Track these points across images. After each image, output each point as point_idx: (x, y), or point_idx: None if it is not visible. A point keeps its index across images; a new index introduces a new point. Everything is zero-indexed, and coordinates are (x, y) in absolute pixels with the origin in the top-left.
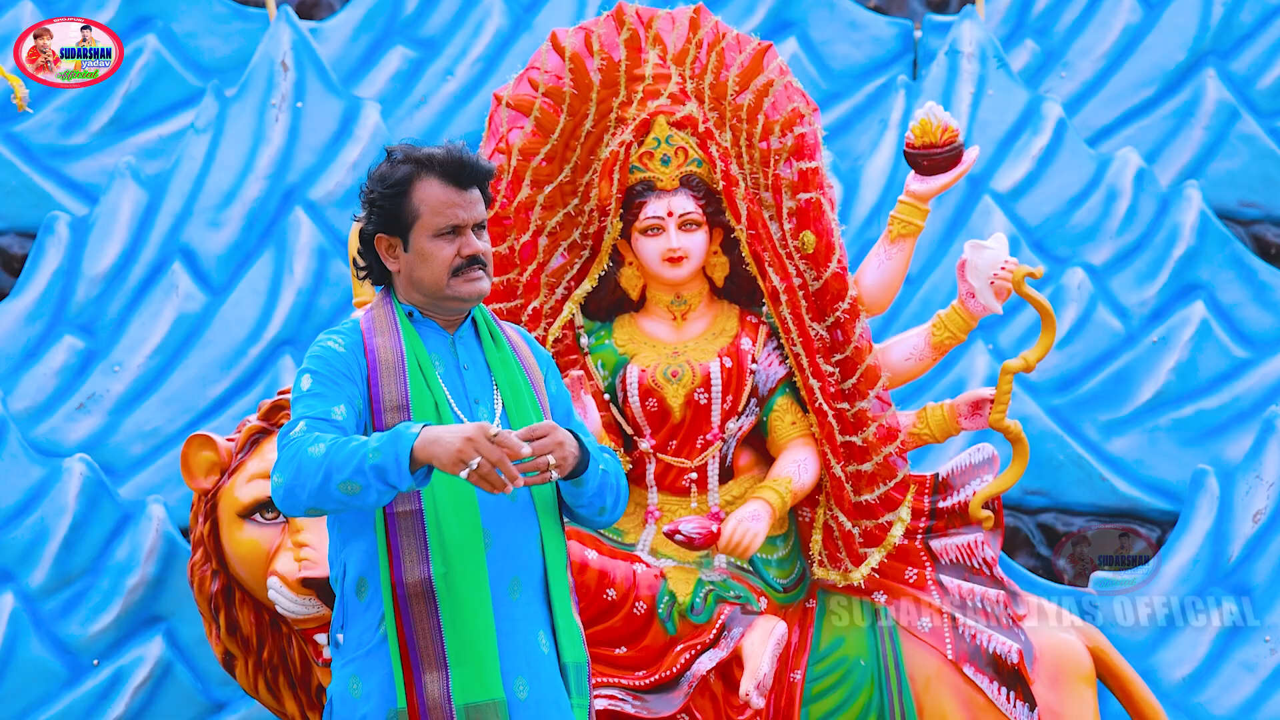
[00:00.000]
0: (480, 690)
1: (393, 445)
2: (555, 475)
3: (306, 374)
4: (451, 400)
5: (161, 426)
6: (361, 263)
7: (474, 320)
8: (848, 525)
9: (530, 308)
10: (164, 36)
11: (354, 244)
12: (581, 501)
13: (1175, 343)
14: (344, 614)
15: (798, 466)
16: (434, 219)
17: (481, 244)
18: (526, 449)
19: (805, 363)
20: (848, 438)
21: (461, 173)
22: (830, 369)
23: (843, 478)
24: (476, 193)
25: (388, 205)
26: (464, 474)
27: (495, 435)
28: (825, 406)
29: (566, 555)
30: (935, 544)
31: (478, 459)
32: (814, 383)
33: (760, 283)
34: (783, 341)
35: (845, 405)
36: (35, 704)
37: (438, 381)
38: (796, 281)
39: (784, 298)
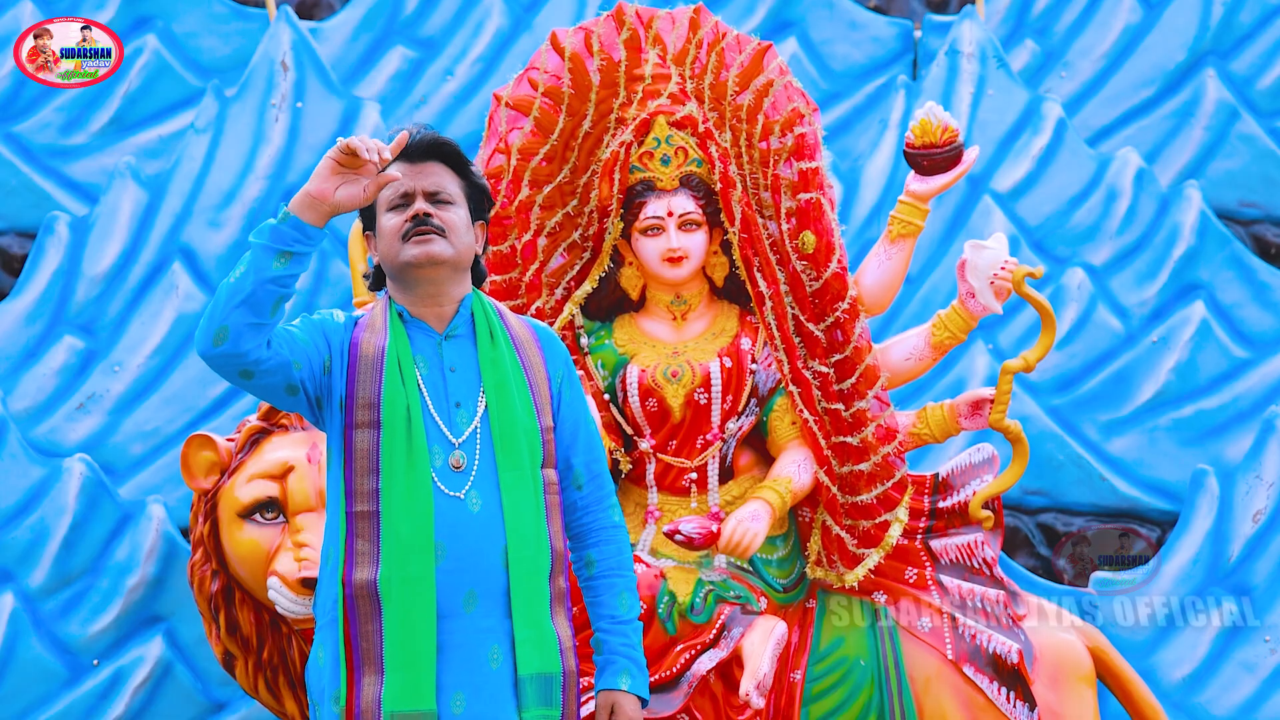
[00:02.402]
0: (411, 700)
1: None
2: None
3: (298, 317)
4: (429, 402)
5: (161, 426)
6: (368, 269)
7: (474, 317)
8: (835, 529)
9: (533, 308)
10: (164, 36)
11: (354, 243)
12: None
13: (1175, 343)
14: (318, 582)
15: (797, 466)
16: (386, 194)
17: (440, 211)
18: (378, 145)
19: (787, 369)
20: (844, 438)
21: (409, 148)
22: (825, 369)
23: (828, 483)
24: (434, 166)
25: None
26: (354, 162)
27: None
28: (808, 414)
29: (550, 566)
30: (935, 544)
31: (344, 144)
32: (794, 389)
33: (749, 287)
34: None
35: (841, 406)
36: (35, 704)
37: (415, 383)
38: (784, 288)
39: (770, 303)
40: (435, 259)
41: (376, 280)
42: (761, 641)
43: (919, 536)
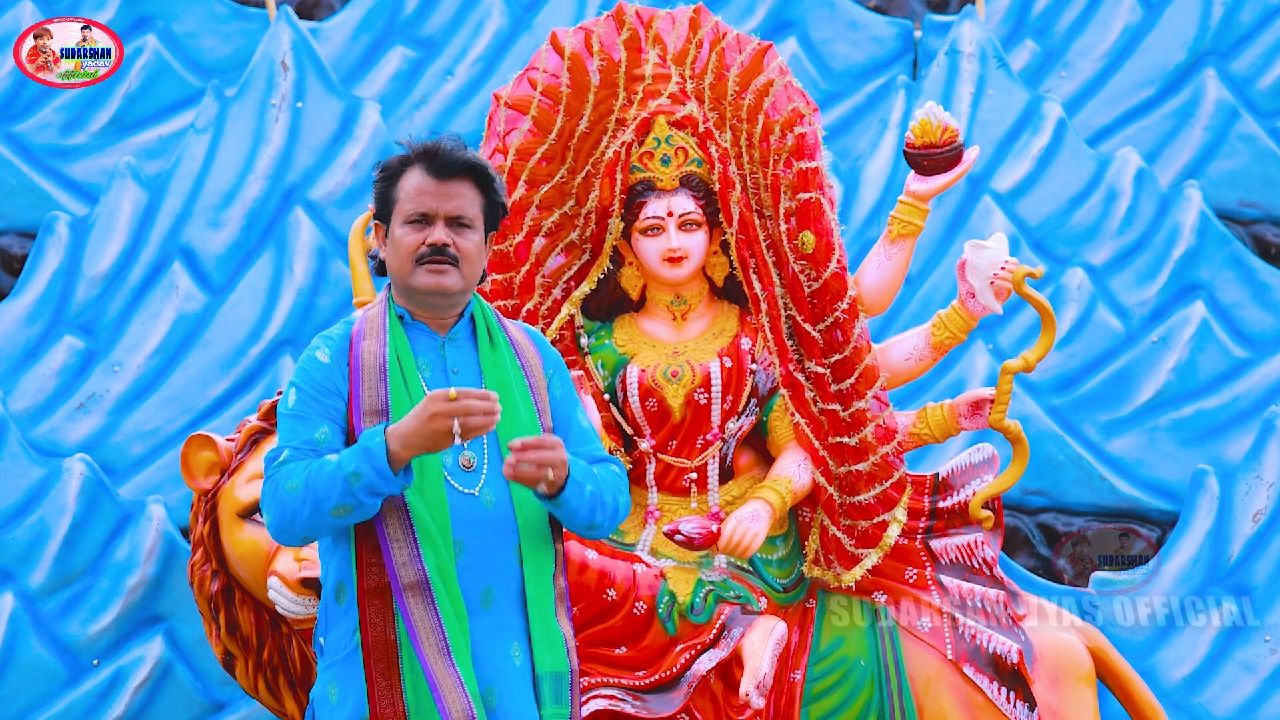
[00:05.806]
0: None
1: (368, 461)
2: (544, 489)
3: (292, 389)
4: None
5: (161, 426)
6: (377, 256)
7: (473, 319)
8: (832, 530)
9: (525, 308)
10: (164, 36)
11: (355, 243)
12: (565, 518)
13: (1175, 343)
14: (325, 618)
15: (797, 466)
16: (406, 205)
17: (458, 238)
18: (493, 396)
19: (779, 371)
20: (842, 438)
21: (438, 162)
22: (822, 370)
23: (824, 483)
24: (461, 185)
25: (380, 191)
26: (459, 442)
27: (453, 397)
28: (799, 416)
29: (554, 564)
30: (935, 544)
31: (457, 423)
32: (784, 391)
33: (744, 288)
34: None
35: (838, 406)
36: (35, 704)
37: (420, 387)
38: (780, 290)
39: (764, 305)
40: (446, 290)
41: (381, 267)
42: (761, 641)
43: (919, 536)
